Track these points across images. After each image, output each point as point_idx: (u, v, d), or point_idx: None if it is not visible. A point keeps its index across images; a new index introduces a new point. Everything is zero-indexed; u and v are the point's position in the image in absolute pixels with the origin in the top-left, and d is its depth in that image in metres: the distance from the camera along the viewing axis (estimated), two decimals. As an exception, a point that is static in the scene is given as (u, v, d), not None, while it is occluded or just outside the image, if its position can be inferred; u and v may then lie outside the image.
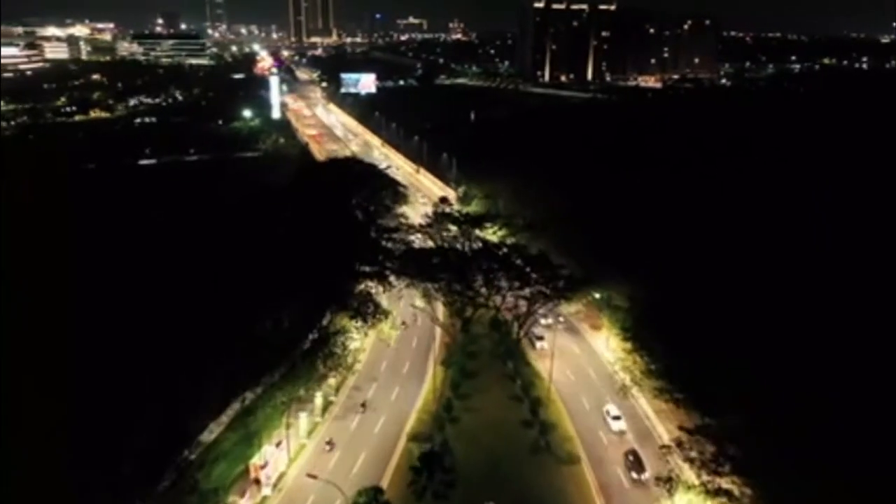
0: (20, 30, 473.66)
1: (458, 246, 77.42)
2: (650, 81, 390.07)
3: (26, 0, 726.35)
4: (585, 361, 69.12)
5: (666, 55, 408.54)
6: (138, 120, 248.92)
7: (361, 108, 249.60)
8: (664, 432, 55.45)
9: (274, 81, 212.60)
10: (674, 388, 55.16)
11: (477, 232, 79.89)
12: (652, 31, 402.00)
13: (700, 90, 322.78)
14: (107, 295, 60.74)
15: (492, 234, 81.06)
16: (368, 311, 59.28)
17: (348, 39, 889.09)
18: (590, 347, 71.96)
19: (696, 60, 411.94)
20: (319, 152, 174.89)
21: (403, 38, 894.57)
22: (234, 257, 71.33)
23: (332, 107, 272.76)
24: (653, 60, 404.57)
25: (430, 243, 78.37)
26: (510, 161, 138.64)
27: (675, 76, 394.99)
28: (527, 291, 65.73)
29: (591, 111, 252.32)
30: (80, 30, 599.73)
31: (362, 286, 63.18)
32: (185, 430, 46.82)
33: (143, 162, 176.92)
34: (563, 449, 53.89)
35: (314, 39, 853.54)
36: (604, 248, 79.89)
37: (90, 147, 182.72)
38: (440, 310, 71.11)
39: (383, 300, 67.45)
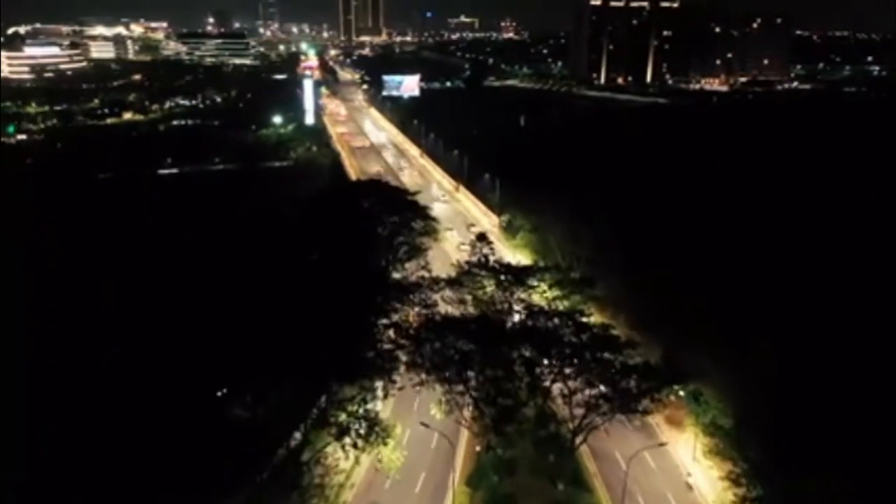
0: (67, 28, 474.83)
1: (497, 310, 59.61)
2: (714, 84, 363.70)
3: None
4: (663, 482, 50.69)
5: (732, 56, 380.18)
6: (175, 122, 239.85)
7: (403, 113, 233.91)
8: None
9: (308, 85, 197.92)
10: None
11: (521, 294, 61.88)
12: (718, 29, 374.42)
13: (773, 94, 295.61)
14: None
15: (540, 292, 63.03)
16: (360, 431, 41.62)
17: (398, 38, 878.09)
18: (669, 459, 53.38)
19: (766, 62, 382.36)
20: (351, 165, 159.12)
21: (454, 36, 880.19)
22: (216, 308, 56.17)
23: (372, 111, 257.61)
24: (717, 61, 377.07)
25: (455, 308, 60.64)
26: (563, 179, 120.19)
27: (742, 79, 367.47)
28: (585, 394, 47.73)
29: (653, 118, 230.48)
30: (135, 29, 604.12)
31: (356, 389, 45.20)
32: None
33: (163, 171, 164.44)
34: None
35: (363, 38, 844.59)
36: (687, 313, 61.02)
37: (112, 153, 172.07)
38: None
39: (384, 407, 50.11)
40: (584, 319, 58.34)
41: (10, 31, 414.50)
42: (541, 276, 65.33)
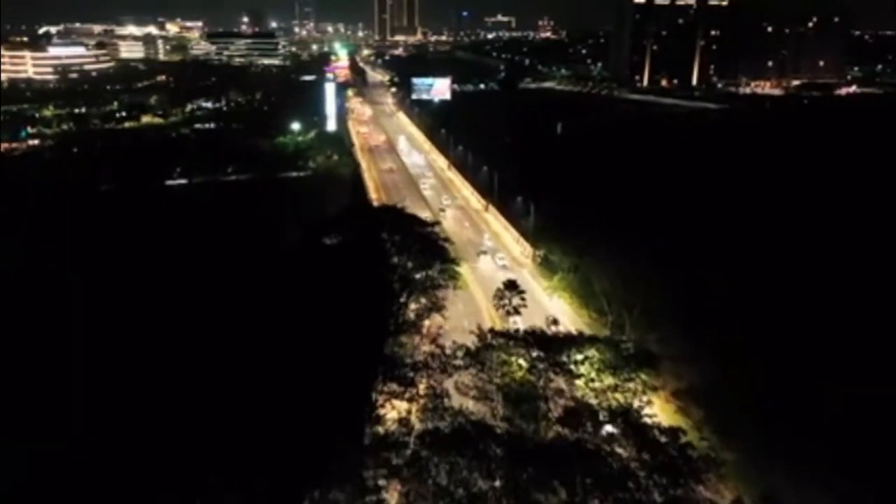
0: (99, 28, 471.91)
1: (529, 409, 44.56)
2: (766, 87, 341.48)
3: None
4: None
5: (784, 57, 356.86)
6: (197, 125, 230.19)
7: (433, 118, 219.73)
8: None
9: (329, 89, 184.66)
10: None
11: (561, 382, 46.73)
12: (770, 29, 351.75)
13: (834, 99, 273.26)
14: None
15: (585, 378, 47.88)
16: None
17: (433, 38, 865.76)
18: None
19: (821, 63, 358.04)
20: (371, 179, 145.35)
21: (490, 36, 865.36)
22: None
23: (400, 115, 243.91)
24: (769, 63, 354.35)
25: (474, 401, 45.72)
26: (607, 201, 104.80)
27: (796, 82, 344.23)
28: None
29: (705, 125, 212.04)
30: (170, 28, 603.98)
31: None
32: None
33: (172, 182, 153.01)
34: None
35: (398, 38, 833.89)
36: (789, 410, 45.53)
37: (121, 161, 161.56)
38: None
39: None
40: (646, 418, 43.57)
41: (42, 30, 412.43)
42: (586, 351, 49.99)
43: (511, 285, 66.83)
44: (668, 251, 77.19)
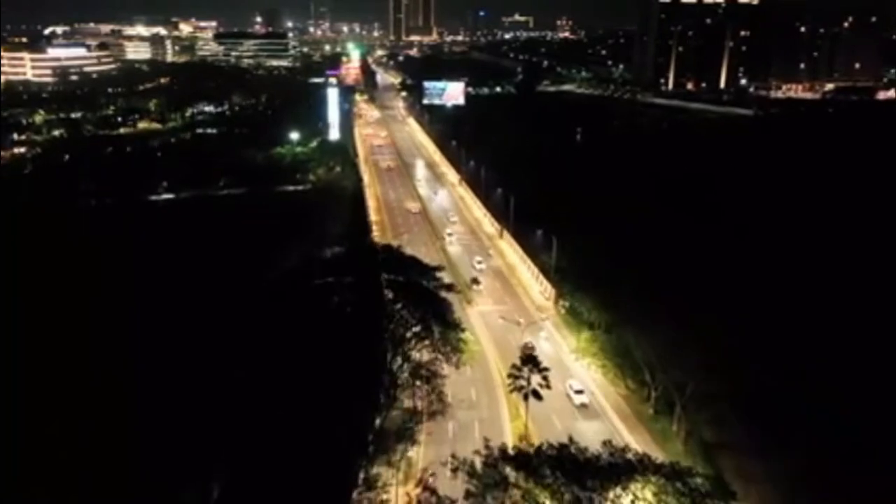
0: (107, 28, 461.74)
1: None
2: (798, 90, 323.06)
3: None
4: None
5: (818, 58, 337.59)
6: (199, 131, 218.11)
7: (445, 125, 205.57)
8: None
9: (332, 96, 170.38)
10: None
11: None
12: (803, 29, 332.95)
13: (876, 104, 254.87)
14: None
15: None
16: None
17: (449, 38, 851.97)
18: None
19: (857, 65, 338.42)
20: (372, 197, 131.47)
21: (507, 36, 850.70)
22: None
23: (410, 121, 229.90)
24: (801, 65, 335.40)
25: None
26: (642, 232, 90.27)
27: (830, 84, 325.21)
28: None
29: (741, 138, 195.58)
30: (184, 28, 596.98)
31: None
32: None
33: (157, 197, 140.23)
34: None
35: (413, 38, 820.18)
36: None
37: (106, 172, 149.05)
38: None
39: None
40: None
41: (48, 30, 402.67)
42: (638, 488, 35.34)
43: (529, 359, 52.37)
44: (719, 300, 62.65)
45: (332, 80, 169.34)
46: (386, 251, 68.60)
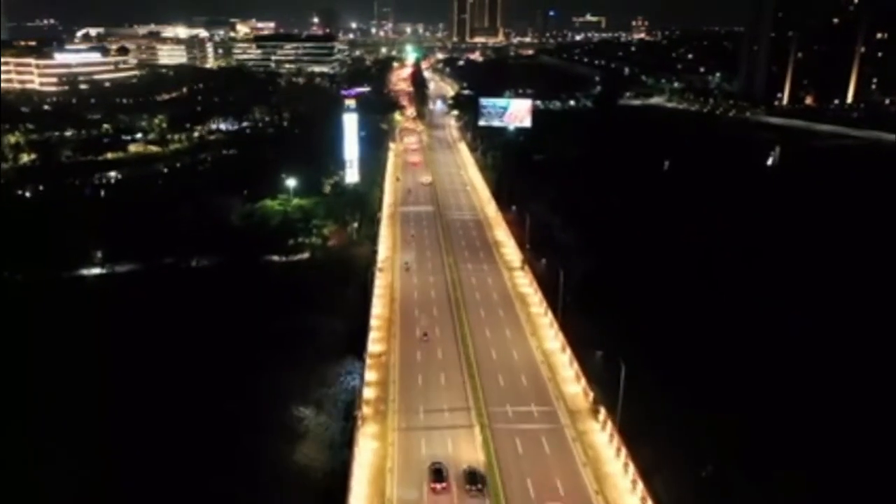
0: (143, 30, 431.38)
1: None
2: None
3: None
4: None
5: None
6: (204, 155, 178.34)
7: (505, 154, 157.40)
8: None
9: (349, 124, 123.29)
10: None
11: None
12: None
13: None
14: None
15: None
16: None
17: (516, 39, 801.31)
18: None
19: None
20: (386, 288, 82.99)
21: (578, 37, 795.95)
22: None
23: (461, 148, 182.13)
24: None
25: None
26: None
27: None
28: None
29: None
30: (241, 29, 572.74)
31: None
32: None
33: (88, 272, 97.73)
34: None
35: (477, 39, 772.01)
36: None
37: (35, 227, 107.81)
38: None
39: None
40: None
41: (81, 32, 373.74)
42: None
43: None
44: None
45: (350, 104, 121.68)
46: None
